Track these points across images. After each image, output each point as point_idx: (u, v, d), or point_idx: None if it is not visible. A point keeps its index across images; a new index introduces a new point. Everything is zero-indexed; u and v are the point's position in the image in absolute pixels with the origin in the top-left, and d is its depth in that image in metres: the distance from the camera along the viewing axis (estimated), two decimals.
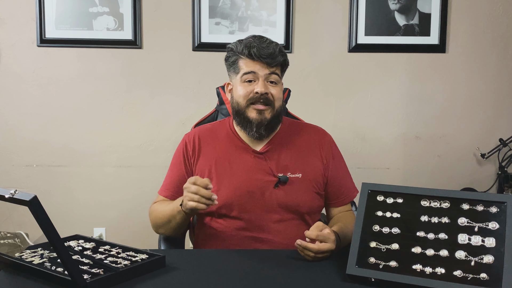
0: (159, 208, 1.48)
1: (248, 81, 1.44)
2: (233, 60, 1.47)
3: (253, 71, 1.43)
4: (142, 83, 2.51)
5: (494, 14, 2.50)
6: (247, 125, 1.46)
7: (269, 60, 1.42)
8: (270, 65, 1.43)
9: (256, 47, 1.42)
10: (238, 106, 1.46)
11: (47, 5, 2.42)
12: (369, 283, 1.07)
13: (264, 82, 1.43)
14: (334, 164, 1.54)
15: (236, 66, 1.47)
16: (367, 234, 1.14)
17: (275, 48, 1.44)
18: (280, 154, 1.50)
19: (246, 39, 1.47)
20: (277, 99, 1.46)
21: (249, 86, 1.44)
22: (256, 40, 1.45)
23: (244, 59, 1.45)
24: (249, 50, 1.42)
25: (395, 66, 2.53)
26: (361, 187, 1.21)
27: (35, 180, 2.51)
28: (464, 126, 2.56)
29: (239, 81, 1.46)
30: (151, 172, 2.52)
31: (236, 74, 1.47)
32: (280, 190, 1.45)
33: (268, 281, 1.09)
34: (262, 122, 1.44)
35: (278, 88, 1.47)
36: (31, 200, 0.89)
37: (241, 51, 1.44)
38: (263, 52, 1.42)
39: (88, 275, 1.04)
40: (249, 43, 1.44)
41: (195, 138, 1.55)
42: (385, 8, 2.48)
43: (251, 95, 1.43)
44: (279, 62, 1.45)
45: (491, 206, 1.08)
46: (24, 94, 2.48)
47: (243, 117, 1.46)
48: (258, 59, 1.42)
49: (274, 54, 1.43)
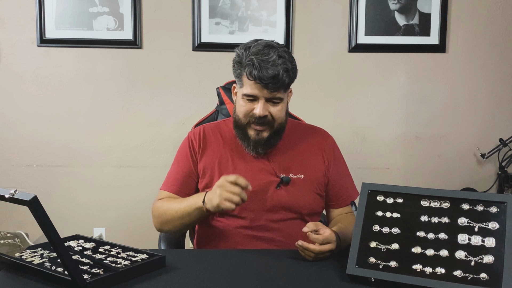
0: (169, 204, 1.45)
1: (248, 100, 1.40)
2: (238, 73, 1.42)
3: (253, 94, 1.37)
4: (142, 83, 2.51)
5: (494, 14, 2.50)
6: (244, 140, 1.46)
7: (270, 84, 1.34)
8: (271, 89, 1.36)
9: (258, 68, 1.32)
10: (238, 121, 1.44)
11: (47, 5, 2.42)
12: (369, 283, 1.07)
13: (263, 104, 1.38)
14: (336, 166, 1.55)
15: (240, 80, 1.42)
16: (367, 234, 1.14)
17: (279, 70, 1.33)
18: (283, 155, 1.50)
19: (252, 50, 1.37)
20: (278, 118, 1.42)
21: (250, 105, 1.40)
22: (260, 57, 1.34)
23: (245, 77, 1.38)
24: (250, 71, 1.34)
25: (395, 66, 2.53)
26: (361, 187, 1.21)
27: (35, 180, 2.51)
28: (464, 126, 2.55)
29: (241, 96, 1.42)
30: (151, 172, 2.52)
31: (240, 87, 1.43)
32: (282, 191, 1.45)
33: (268, 281, 1.09)
34: (259, 142, 1.43)
35: (280, 106, 1.41)
36: (31, 200, 0.89)
37: (245, 67, 1.37)
38: (265, 74, 1.32)
39: (88, 275, 1.04)
40: (251, 61, 1.34)
41: (200, 135, 1.55)
42: (385, 8, 2.48)
43: (251, 114, 1.40)
44: (282, 85, 1.36)
45: (491, 206, 1.08)
46: (24, 94, 2.48)
47: (243, 133, 1.45)
48: (259, 82, 1.34)
49: (277, 78, 1.33)
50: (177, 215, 1.41)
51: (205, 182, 1.50)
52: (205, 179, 1.50)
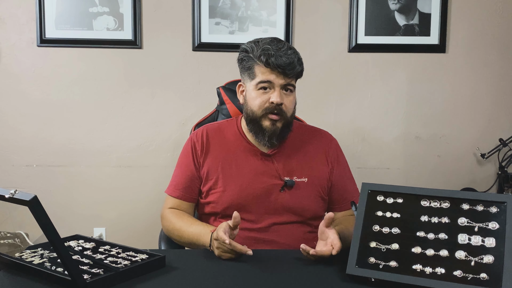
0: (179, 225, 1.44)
1: (263, 88, 1.41)
2: (249, 66, 1.42)
3: (269, 80, 1.39)
4: (142, 83, 2.51)
5: (494, 14, 2.50)
6: (259, 133, 1.45)
7: (287, 70, 1.38)
8: (287, 76, 1.39)
9: (274, 55, 1.36)
10: (253, 115, 1.44)
11: (47, 5, 2.42)
12: (369, 283, 1.07)
13: (280, 91, 1.40)
14: (339, 169, 1.54)
15: (251, 72, 1.43)
16: (367, 234, 1.14)
17: (294, 58, 1.39)
18: (287, 158, 1.49)
19: (263, 42, 1.41)
20: (289, 110, 1.44)
21: (264, 95, 1.41)
22: (274, 47, 1.38)
23: (260, 66, 1.40)
24: (266, 59, 1.37)
25: (395, 66, 2.53)
26: (361, 187, 1.21)
27: (35, 180, 2.51)
28: (464, 126, 2.56)
29: (254, 87, 1.42)
30: (151, 172, 2.52)
31: (251, 79, 1.43)
32: (286, 194, 1.45)
33: (268, 281, 1.09)
34: (275, 132, 1.43)
35: (292, 97, 1.44)
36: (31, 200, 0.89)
37: (258, 57, 1.39)
38: (281, 62, 1.37)
39: (88, 275, 1.04)
40: (266, 49, 1.38)
41: (203, 137, 1.53)
42: (385, 8, 2.48)
43: (267, 105, 1.41)
44: (296, 72, 1.42)
45: (491, 206, 1.08)
46: (24, 94, 2.48)
47: (257, 126, 1.44)
48: (275, 69, 1.38)
49: (293, 64, 1.39)
50: (184, 240, 1.43)
51: (209, 185, 1.50)
52: (209, 182, 1.50)
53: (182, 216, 1.48)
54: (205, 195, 1.51)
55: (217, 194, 1.47)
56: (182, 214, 1.49)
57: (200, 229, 1.38)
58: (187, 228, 1.42)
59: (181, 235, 1.43)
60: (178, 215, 1.48)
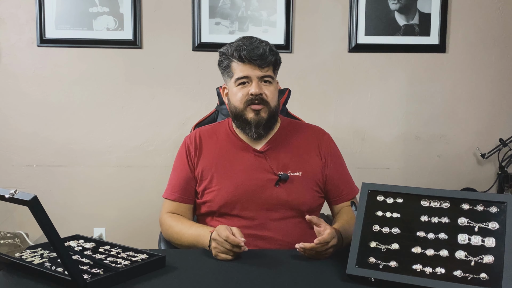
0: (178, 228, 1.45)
1: (242, 83, 1.46)
2: (226, 65, 1.49)
3: (246, 75, 1.45)
4: (142, 83, 2.51)
5: (494, 14, 2.50)
6: (246, 126, 1.48)
7: (260, 61, 1.43)
8: (261, 66, 1.44)
9: (246, 49, 1.43)
10: (236, 110, 1.48)
11: (47, 5, 2.42)
12: (369, 283, 1.07)
13: (257, 83, 1.45)
14: (333, 162, 1.55)
15: (229, 70, 1.49)
16: (367, 234, 1.14)
17: (265, 48, 1.44)
18: (280, 153, 1.51)
19: (236, 41, 1.48)
20: (272, 99, 1.47)
21: (244, 89, 1.46)
22: (246, 42, 1.46)
23: (235, 62, 1.46)
24: (239, 53, 1.43)
25: (395, 66, 2.52)
26: (361, 187, 1.21)
27: (35, 180, 2.51)
28: (464, 126, 2.55)
29: (234, 84, 1.48)
30: (151, 172, 2.52)
31: (230, 78, 1.49)
32: (281, 189, 1.46)
33: (268, 281, 1.09)
34: (260, 122, 1.46)
35: (272, 87, 1.48)
36: (31, 200, 0.89)
37: (232, 54, 1.45)
38: (253, 54, 1.43)
39: (88, 275, 1.04)
40: (238, 46, 1.45)
41: (196, 139, 1.56)
42: (385, 8, 2.48)
43: (247, 97, 1.45)
44: (270, 62, 1.46)
45: (491, 206, 1.08)
46: (24, 94, 2.48)
47: (242, 119, 1.48)
48: (249, 62, 1.43)
49: (265, 55, 1.44)
50: (184, 243, 1.43)
51: (204, 184, 1.51)
52: (204, 182, 1.51)
53: (180, 220, 1.49)
54: (200, 195, 1.52)
55: (213, 193, 1.48)
56: (180, 218, 1.50)
57: (199, 231, 1.39)
58: (186, 231, 1.43)
59: (180, 238, 1.44)
60: (177, 218, 1.50)
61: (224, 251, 1.24)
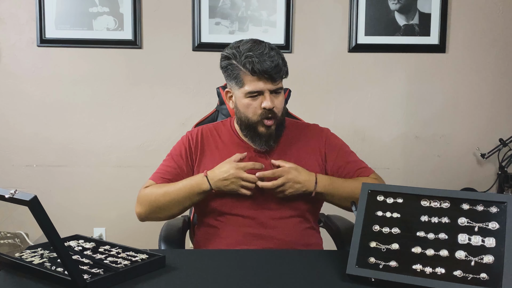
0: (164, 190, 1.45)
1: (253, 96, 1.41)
2: (236, 74, 1.41)
3: (260, 90, 1.39)
4: (142, 83, 2.50)
5: (494, 14, 2.50)
6: (255, 138, 1.47)
7: (273, 74, 1.37)
8: (275, 80, 1.39)
9: (259, 62, 1.35)
10: (248, 121, 1.45)
11: (47, 5, 2.42)
12: (369, 283, 1.07)
13: (270, 96, 1.40)
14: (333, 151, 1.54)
15: (239, 81, 1.42)
16: (367, 234, 1.14)
17: (278, 60, 1.37)
18: (281, 153, 1.51)
19: (244, 48, 1.39)
20: (280, 110, 1.46)
21: (255, 101, 1.41)
22: (256, 52, 1.37)
23: (246, 74, 1.39)
24: (252, 67, 1.36)
25: (395, 66, 2.52)
26: (361, 187, 1.21)
27: (35, 180, 2.51)
28: (464, 126, 2.55)
29: (243, 95, 1.42)
30: (151, 172, 2.48)
31: (239, 87, 1.42)
32: None
33: (268, 281, 1.09)
34: (271, 136, 1.46)
35: (281, 97, 1.45)
36: (31, 200, 0.89)
37: (243, 65, 1.38)
38: (266, 66, 1.35)
39: (88, 275, 1.04)
40: (250, 57, 1.36)
41: (198, 136, 1.56)
42: (385, 8, 2.48)
43: (260, 111, 1.42)
44: (283, 74, 1.42)
45: (491, 206, 1.08)
46: (24, 94, 2.48)
47: (253, 131, 1.46)
48: (262, 75, 1.37)
49: (278, 67, 1.37)
50: (174, 199, 1.42)
51: None
52: None
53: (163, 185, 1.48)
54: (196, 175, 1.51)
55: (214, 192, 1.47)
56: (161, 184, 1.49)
57: (189, 180, 1.41)
58: (173, 187, 1.43)
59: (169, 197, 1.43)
60: (158, 185, 1.49)
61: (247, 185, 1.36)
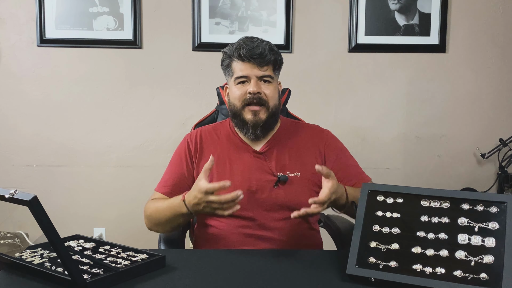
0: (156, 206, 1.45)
1: (241, 82, 1.47)
2: (227, 64, 1.50)
3: (245, 74, 1.45)
4: (142, 83, 2.51)
5: (494, 14, 2.50)
6: (243, 126, 1.48)
7: (259, 60, 1.44)
8: (261, 65, 1.45)
9: (246, 48, 1.44)
10: (234, 108, 1.49)
11: (47, 5, 2.42)
12: (369, 283, 1.07)
13: (256, 81, 1.45)
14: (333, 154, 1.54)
15: (230, 69, 1.50)
16: (367, 234, 1.14)
17: (265, 47, 1.45)
18: (279, 154, 1.51)
19: (237, 41, 1.49)
20: (271, 98, 1.47)
21: (243, 87, 1.46)
22: (247, 41, 1.46)
23: (236, 61, 1.47)
24: (239, 52, 1.44)
25: (395, 66, 2.53)
26: (361, 187, 1.21)
27: (35, 180, 2.51)
28: (464, 126, 2.56)
29: (233, 83, 1.49)
30: (151, 172, 2.52)
31: (231, 77, 1.50)
32: (280, 189, 1.46)
33: (268, 281, 1.09)
34: (258, 123, 1.46)
35: (272, 87, 1.47)
36: (31, 200, 0.89)
37: (233, 54, 1.47)
38: (252, 53, 1.43)
39: (88, 275, 1.04)
40: (239, 45, 1.46)
41: (197, 138, 1.56)
42: (385, 8, 2.48)
43: (245, 96, 1.45)
44: (269, 61, 1.46)
45: (491, 206, 1.08)
46: (24, 94, 2.48)
47: (239, 119, 1.48)
48: (248, 60, 1.44)
49: (264, 54, 1.44)
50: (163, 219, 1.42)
51: None
52: None
53: (159, 200, 1.48)
54: None
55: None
56: (159, 199, 1.49)
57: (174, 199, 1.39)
58: (161, 205, 1.43)
59: (159, 214, 1.43)
60: (156, 200, 1.49)
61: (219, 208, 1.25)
